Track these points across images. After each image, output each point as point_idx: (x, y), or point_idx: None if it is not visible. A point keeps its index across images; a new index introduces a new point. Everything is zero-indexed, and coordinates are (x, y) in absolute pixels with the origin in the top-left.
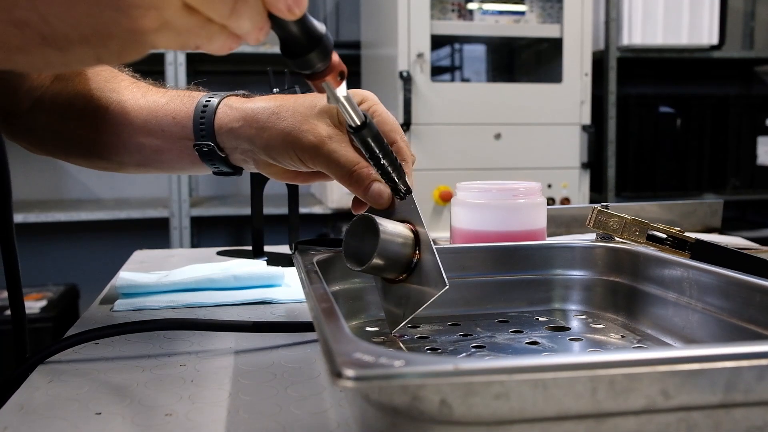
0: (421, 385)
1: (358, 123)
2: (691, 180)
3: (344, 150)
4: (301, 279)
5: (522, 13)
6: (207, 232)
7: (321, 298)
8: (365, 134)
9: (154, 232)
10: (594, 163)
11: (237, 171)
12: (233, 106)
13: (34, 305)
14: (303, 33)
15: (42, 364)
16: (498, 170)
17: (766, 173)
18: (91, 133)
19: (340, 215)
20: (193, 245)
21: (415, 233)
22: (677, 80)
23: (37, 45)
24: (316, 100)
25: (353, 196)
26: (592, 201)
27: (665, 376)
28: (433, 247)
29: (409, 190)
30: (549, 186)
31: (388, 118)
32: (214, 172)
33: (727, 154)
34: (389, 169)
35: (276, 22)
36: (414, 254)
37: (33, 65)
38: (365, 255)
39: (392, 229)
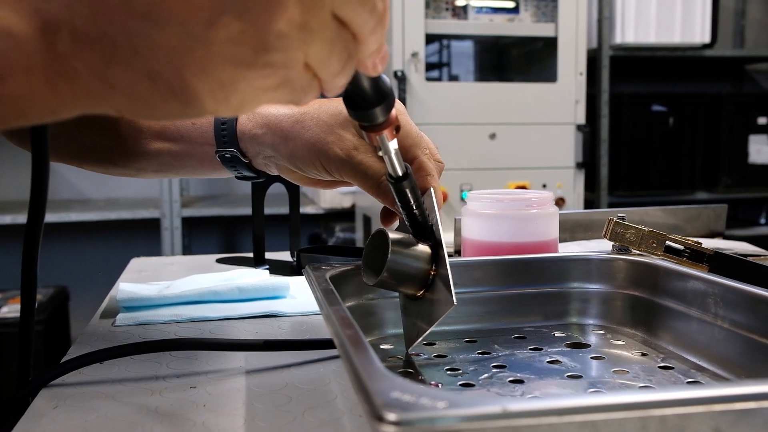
0: (466, 429)
1: (400, 175)
2: (684, 178)
3: (371, 161)
4: (317, 299)
5: (516, 11)
6: (199, 232)
7: (343, 323)
8: (404, 186)
9: (144, 233)
10: (587, 162)
11: (260, 175)
12: (255, 111)
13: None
14: (373, 88)
15: (45, 387)
16: (493, 170)
17: (757, 171)
18: (108, 140)
19: (332, 215)
20: (185, 246)
21: (434, 248)
22: (670, 78)
23: (164, 98)
24: (339, 106)
25: (345, 196)
26: (585, 200)
27: (719, 414)
28: (448, 262)
29: (425, 235)
30: (544, 186)
31: (411, 131)
32: (236, 177)
33: (719, 152)
34: (418, 219)
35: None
36: (430, 270)
37: (151, 115)
38: (379, 269)
39: (405, 244)
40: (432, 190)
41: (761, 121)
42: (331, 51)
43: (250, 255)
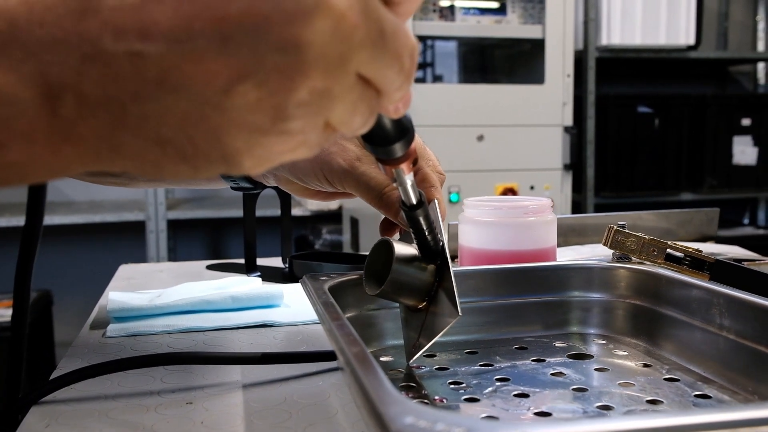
0: None
1: (414, 203)
2: (670, 179)
3: (374, 172)
4: (318, 312)
5: (504, 13)
6: (184, 235)
7: (349, 340)
8: (417, 214)
9: (129, 236)
10: (575, 164)
11: (257, 186)
12: None
13: (5, 313)
14: (394, 125)
15: (36, 404)
16: (481, 172)
17: (741, 172)
18: None
19: (319, 217)
20: (170, 249)
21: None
22: (655, 80)
23: (174, 163)
24: None
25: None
26: (572, 201)
27: None
28: (452, 274)
29: (435, 259)
30: (532, 188)
31: (416, 142)
32: (232, 187)
33: (703, 153)
34: (430, 243)
35: None
36: (434, 281)
37: (159, 176)
38: (381, 279)
39: (410, 255)
40: (435, 201)
41: (745, 122)
42: (353, 112)
43: (241, 261)
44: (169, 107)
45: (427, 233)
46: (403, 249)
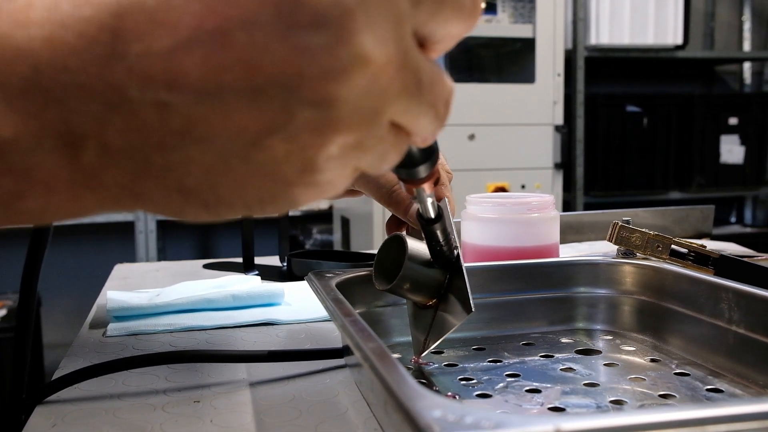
0: None
1: (432, 217)
2: (658, 178)
3: None
4: (328, 309)
5: (494, 12)
6: (173, 236)
7: (364, 336)
8: (435, 228)
9: (118, 237)
10: (565, 163)
11: None
12: None
13: None
14: (420, 150)
15: (40, 404)
16: (472, 171)
17: (729, 171)
18: None
19: (310, 217)
20: (159, 250)
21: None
22: (643, 79)
23: (195, 209)
24: None
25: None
26: (562, 200)
27: None
28: (465, 271)
29: (448, 267)
30: (523, 187)
31: None
32: None
33: (691, 152)
34: (445, 253)
35: None
36: (445, 279)
37: (178, 219)
38: (392, 275)
39: (422, 251)
40: (446, 200)
41: (732, 121)
42: (383, 159)
43: (238, 260)
44: (193, 158)
45: (443, 244)
46: (416, 245)
